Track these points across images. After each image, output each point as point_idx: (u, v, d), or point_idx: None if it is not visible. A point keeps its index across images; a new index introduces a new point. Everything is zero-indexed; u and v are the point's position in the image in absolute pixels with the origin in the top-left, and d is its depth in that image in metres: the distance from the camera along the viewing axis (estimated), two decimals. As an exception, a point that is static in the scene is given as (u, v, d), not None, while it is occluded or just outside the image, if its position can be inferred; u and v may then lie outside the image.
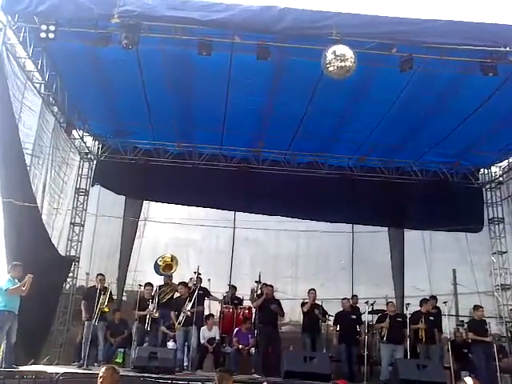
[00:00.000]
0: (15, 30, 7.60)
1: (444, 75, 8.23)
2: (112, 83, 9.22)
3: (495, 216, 12.27)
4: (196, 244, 12.50)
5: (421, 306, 9.57)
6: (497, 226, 12.18)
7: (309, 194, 11.94)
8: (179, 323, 8.81)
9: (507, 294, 11.64)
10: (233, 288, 11.00)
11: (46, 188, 9.92)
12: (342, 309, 9.90)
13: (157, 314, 9.08)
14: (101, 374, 4.21)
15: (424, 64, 7.63)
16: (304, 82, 8.59)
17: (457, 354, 9.35)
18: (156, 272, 9.72)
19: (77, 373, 7.63)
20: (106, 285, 9.28)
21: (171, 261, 9.63)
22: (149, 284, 9.62)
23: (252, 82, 8.78)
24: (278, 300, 9.90)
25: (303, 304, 9.75)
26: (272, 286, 9.85)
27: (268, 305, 9.34)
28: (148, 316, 9.07)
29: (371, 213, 12.36)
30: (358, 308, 10.35)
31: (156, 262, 9.69)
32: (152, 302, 9.23)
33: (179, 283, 9.53)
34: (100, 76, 8.97)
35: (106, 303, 8.97)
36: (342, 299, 10.07)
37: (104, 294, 9.07)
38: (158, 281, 9.88)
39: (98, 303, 8.82)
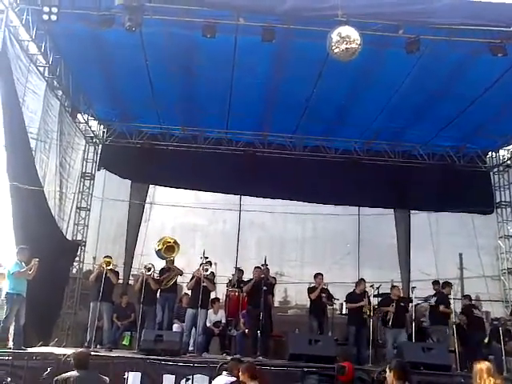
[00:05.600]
0: (18, 12, 7.55)
1: (451, 57, 8.10)
2: (116, 66, 9.17)
3: (502, 200, 12.19)
4: (202, 228, 12.53)
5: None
6: (504, 209, 12.11)
7: (315, 178, 11.87)
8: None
9: (514, 278, 11.60)
10: (239, 271, 10.94)
11: (55, 173, 9.93)
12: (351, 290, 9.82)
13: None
14: None
15: (431, 45, 7.51)
16: (309, 65, 8.47)
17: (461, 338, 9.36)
18: (158, 257, 9.65)
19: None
20: (111, 266, 9.27)
21: (174, 243, 9.50)
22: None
23: (257, 64, 8.69)
24: (273, 278, 10.00)
25: (311, 290, 9.61)
26: (265, 267, 9.41)
27: (257, 287, 9.05)
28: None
29: (377, 196, 12.29)
30: (367, 292, 10.27)
31: (156, 247, 9.61)
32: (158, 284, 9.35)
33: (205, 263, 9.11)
34: (104, 59, 8.92)
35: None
36: (359, 280, 9.91)
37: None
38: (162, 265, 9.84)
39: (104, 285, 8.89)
